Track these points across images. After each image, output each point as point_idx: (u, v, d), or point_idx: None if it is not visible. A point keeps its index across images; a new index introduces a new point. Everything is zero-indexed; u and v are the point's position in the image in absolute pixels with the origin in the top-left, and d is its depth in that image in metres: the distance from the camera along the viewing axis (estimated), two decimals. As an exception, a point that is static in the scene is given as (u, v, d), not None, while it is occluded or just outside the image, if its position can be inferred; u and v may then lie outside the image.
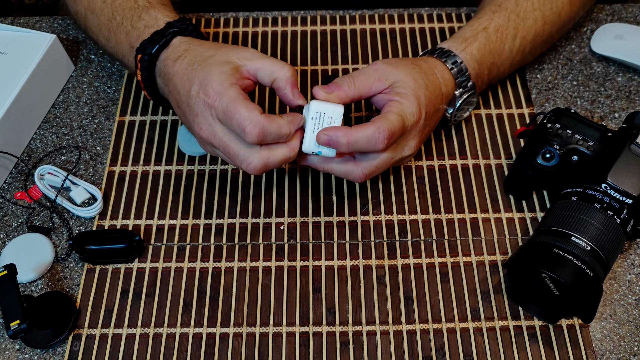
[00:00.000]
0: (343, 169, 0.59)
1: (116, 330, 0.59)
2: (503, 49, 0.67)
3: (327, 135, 0.56)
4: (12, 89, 0.67)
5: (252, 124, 0.53)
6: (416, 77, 0.60)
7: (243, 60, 0.57)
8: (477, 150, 0.70)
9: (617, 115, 0.72)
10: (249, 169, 0.55)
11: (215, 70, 0.55)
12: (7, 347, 0.58)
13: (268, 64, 0.57)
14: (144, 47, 0.61)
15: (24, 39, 0.72)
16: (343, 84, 0.58)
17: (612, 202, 0.56)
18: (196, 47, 0.59)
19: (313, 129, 0.57)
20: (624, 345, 0.58)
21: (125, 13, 0.65)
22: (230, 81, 0.55)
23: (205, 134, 0.56)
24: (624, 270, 0.62)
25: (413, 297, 0.60)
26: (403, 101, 0.58)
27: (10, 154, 0.68)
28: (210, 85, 0.55)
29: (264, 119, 0.54)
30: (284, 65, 0.57)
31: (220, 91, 0.54)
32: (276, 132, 0.54)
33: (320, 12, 0.82)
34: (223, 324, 0.59)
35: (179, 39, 0.61)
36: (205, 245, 0.64)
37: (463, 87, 0.65)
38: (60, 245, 0.64)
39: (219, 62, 0.57)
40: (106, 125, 0.72)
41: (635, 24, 0.79)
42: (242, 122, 0.53)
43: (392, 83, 0.59)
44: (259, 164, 0.55)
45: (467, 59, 0.65)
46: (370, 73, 0.60)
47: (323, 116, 0.57)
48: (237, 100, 0.54)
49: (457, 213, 0.65)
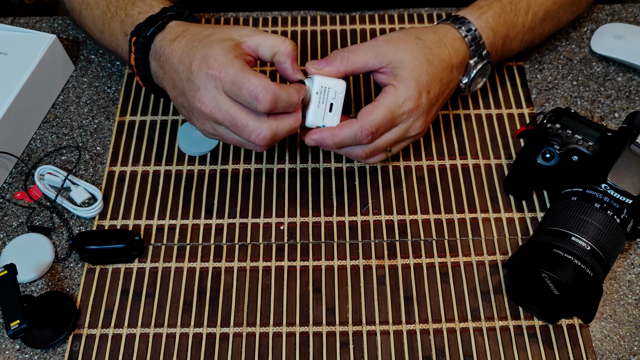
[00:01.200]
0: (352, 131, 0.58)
1: (116, 330, 0.59)
2: (517, 21, 0.67)
3: (314, 139, 0.58)
4: (12, 89, 0.67)
5: (265, 90, 0.52)
6: (417, 55, 0.60)
7: (244, 36, 0.57)
8: (477, 150, 0.70)
9: (617, 115, 0.72)
10: (259, 140, 0.54)
11: (218, 45, 0.55)
12: (7, 347, 0.58)
13: (269, 38, 0.57)
14: (139, 30, 0.60)
15: (24, 39, 0.72)
16: (335, 58, 0.59)
17: (612, 202, 0.56)
18: (194, 28, 0.59)
19: (317, 103, 0.58)
20: (624, 345, 0.58)
21: (119, 3, 0.65)
22: (233, 54, 0.54)
23: (208, 108, 0.55)
24: (624, 270, 0.62)
25: (413, 297, 0.60)
26: (399, 86, 0.58)
27: (10, 154, 0.68)
28: (214, 58, 0.54)
29: (276, 85, 0.53)
30: (285, 39, 0.57)
31: (224, 62, 0.54)
32: (287, 100, 0.54)
33: (320, 12, 0.82)
34: (223, 324, 0.59)
35: (175, 22, 0.61)
36: (205, 245, 0.64)
37: (478, 55, 0.65)
38: (61, 245, 0.64)
39: (220, 38, 0.56)
40: (106, 125, 0.72)
41: (635, 24, 0.79)
42: (254, 89, 0.52)
43: (390, 62, 0.59)
44: (269, 133, 0.54)
45: (482, 25, 0.64)
46: (367, 49, 0.60)
47: (328, 91, 0.58)
48: (245, 69, 0.53)
49: (457, 213, 0.65)
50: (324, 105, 0.58)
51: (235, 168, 0.69)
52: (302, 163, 0.69)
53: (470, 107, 0.73)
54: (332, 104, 0.58)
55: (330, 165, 0.69)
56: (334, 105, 0.58)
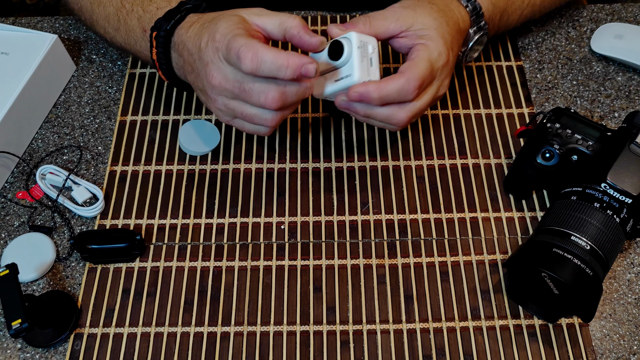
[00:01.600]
0: (385, 112, 0.58)
1: (117, 329, 0.59)
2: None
3: (357, 92, 0.56)
4: (13, 89, 0.68)
5: (246, 47, 0.51)
6: (436, 16, 0.60)
7: (252, 15, 0.57)
8: (477, 150, 0.70)
9: (617, 114, 0.72)
10: (268, 102, 0.53)
11: (223, 21, 0.55)
12: (8, 347, 0.58)
13: (275, 16, 0.56)
14: (159, 24, 0.61)
15: (26, 39, 0.72)
16: (358, 22, 0.58)
17: (611, 201, 0.56)
18: (207, 15, 0.60)
19: (361, 57, 0.56)
20: (623, 344, 0.58)
21: (135, 0, 0.65)
22: (236, 26, 0.54)
23: (217, 80, 0.55)
24: (624, 270, 0.62)
25: (413, 296, 0.61)
26: (429, 43, 0.58)
27: (11, 153, 0.68)
28: (218, 31, 0.54)
29: (261, 45, 0.51)
30: (291, 15, 0.56)
31: (226, 33, 0.54)
32: (272, 61, 0.51)
33: (321, 13, 0.82)
34: (224, 323, 0.59)
35: (193, 15, 0.61)
36: (206, 245, 0.64)
37: (477, 25, 0.65)
38: (62, 245, 0.64)
39: (227, 15, 0.56)
40: (107, 125, 0.72)
41: (635, 23, 0.79)
42: (238, 48, 0.51)
43: (411, 25, 0.59)
44: (277, 93, 0.53)
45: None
46: (387, 14, 0.60)
47: (366, 45, 0.56)
48: (239, 35, 0.53)
49: (457, 212, 0.65)
50: (367, 59, 0.57)
51: (236, 168, 0.69)
52: (303, 162, 0.69)
53: (470, 107, 0.73)
54: (371, 58, 0.57)
55: (330, 165, 0.69)
56: (373, 60, 0.57)
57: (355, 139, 0.71)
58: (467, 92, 0.74)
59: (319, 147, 0.70)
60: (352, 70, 0.56)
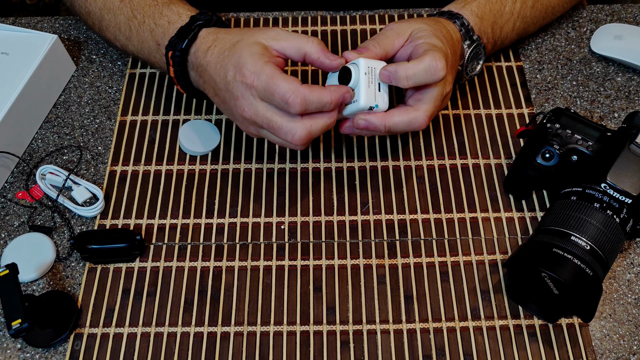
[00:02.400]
0: (406, 118, 0.59)
1: (117, 329, 0.59)
2: (503, 10, 0.70)
3: (387, 70, 0.58)
4: (13, 89, 0.68)
5: (294, 94, 0.54)
6: (429, 23, 0.63)
7: (269, 40, 0.58)
8: (477, 150, 0.70)
9: (617, 115, 0.72)
10: (295, 140, 0.57)
11: (247, 52, 0.57)
12: (8, 346, 0.58)
13: (293, 41, 0.58)
14: (174, 43, 0.62)
15: (26, 39, 0.72)
16: (369, 46, 0.61)
17: (611, 201, 0.56)
18: (224, 36, 0.61)
19: (368, 83, 0.58)
20: (623, 344, 0.58)
21: (146, 11, 0.66)
22: (263, 60, 0.56)
23: (248, 114, 0.58)
24: (624, 270, 0.62)
25: (413, 296, 0.61)
26: (429, 40, 0.60)
27: (11, 153, 0.68)
28: (246, 67, 0.56)
29: (305, 88, 0.55)
30: (309, 38, 0.58)
31: (256, 70, 0.56)
32: (318, 100, 0.56)
33: (321, 13, 0.82)
34: (224, 323, 0.59)
35: (205, 30, 0.62)
36: (206, 245, 0.64)
37: (469, 39, 0.67)
38: (62, 245, 0.64)
39: (247, 44, 0.58)
40: (107, 125, 0.72)
41: (635, 24, 0.79)
42: (284, 94, 0.55)
43: (410, 33, 0.62)
44: (303, 132, 0.56)
45: (467, 14, 0.67)
46: (387, 32, 0.62)
47: (374, 70, 0.59)
48: (275, 75, 0.55)
49: (457, 212, 0.66)
50: (374, 85, 0.59)
51: (236, 168, 0.69)
52: (303, 162, 0.69)
53: (470, 107, 0.73)
54: (379, 83, 0.59)
55: (330, 165, 0.69)
56: (381, 85, 0.59)
57: (356, 139, 0.71)
58: (467, 92, 0.74)
59: (319, 147, 0.70)
60: (358, 96, 0.58)
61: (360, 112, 0.59)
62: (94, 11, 0.70)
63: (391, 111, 0.60)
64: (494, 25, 0.69)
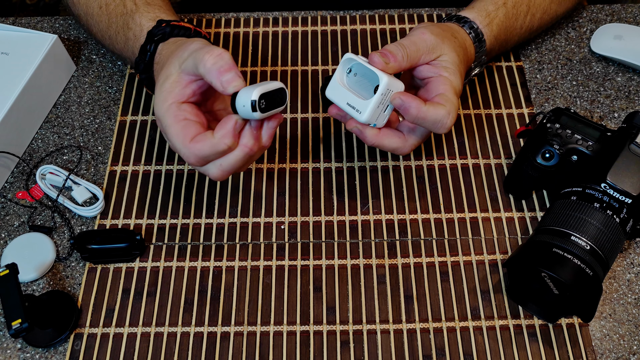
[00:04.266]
0: (394, 145, 0.60)
1: (117, 329, 0.59)
2: (515, 25, 0.70)
3: (402, 100, 0.56)
4: (13, 89, 0.68)
5: (185, 155, 0.53)
6: (459, 52, 0.62)
7: (181, 64, 0.55)
8: (477, 150, 0.70)
9: (617, 115, 0.72)
10: (213, 178, 0.56)
11: (158, 91, 0.56)
12: (8, 346, 0.58)
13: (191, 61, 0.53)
14: (138, 64, 0.64)
15: (26, 39, 0.72)
16: (397, 54, 0.58)
17: (611, 201, 0.56)
18: (163, 59, 0.60)
19: (378, 103, 0.57)
20: (623, 344, 0.58)
21: (118, 21, 0.67)
22: (168, 102, 0.54)
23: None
24: (624, 270, 0.62)
25: (413, 296, 0.61)
26: (452, 78, 0.59)
27: (11, 153, 0.68)
28: (156, 109, 0.56)
29: (193, 146, 0.53)
30: (205, 54, 0.52)
31: (159, 115, 0.55)
32: (214, 152, 0.53)
33: (321, 13, 0.82)
34: (224, 323, 0.59)
35: (161, 46, 0.62)
36: (206, 245, 0.64)
37: (478, 60, 0.67)
38: (62, 245, 0.64)
39: (162, 77, 0.56)
40: (107, 125, 0.72)
41: (635, 24, 0.80)
42: (178, 151, 0.54)
43: (440, 56, 0.60)
44: (217, 172, 0.55)
45: (488, 34, 0.67)
46: (420, 44, 0.60)
47: (390, 93, 0.57)
48: (170, 129, 0.54)
49: (457, 212, 0.66)
50: (383, 106, 0.58)
51: (236, 168, 0.69)
52: (303, 162, 0.69)
53: (470, 107, 0.73)
54: (388, 105, 0.58)
55: (330, 165, 0.69)
56: (388, 109, 0.59)
57: (356, 139, 0.71)
58: (467, 92, 0.74)
59: (319, 147, 0.70)
60: (365, 110, 0.57)
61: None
62: (80, 14, 0.72)
63: (385, 131, 0.59)
64: (503, 43, 0.70)
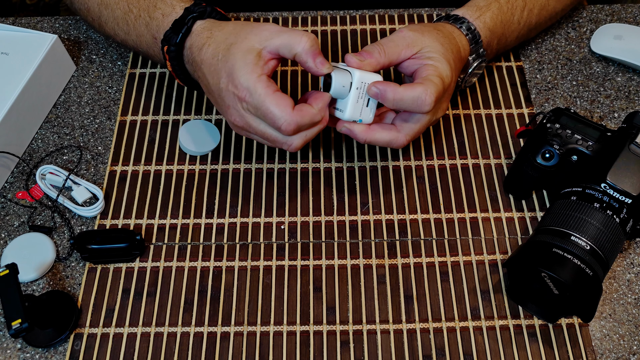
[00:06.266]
0: (387, 137, 0.60)
1: (117, 329, 0.59)
2: (512, 20, 0.69)
3: (377, 87, 0.57)
4: (13, 89, 0.68)
5: (287, 122, 0.55)
6: (443, 42, 0.62)
7: (263, 42, 0.57)
8: (477, 150, 0.70)
9: (617, 115, 0.72)
10: (292, 149, 0.58)
11: (240, 63, 0.56)
12: (8, 346, 0.58)
13: (287, 39, 0.57)
14: (168, 37, 0.62)
15: (26, 39, 0.72)
16: (374, 51, 0.59)
17: (611, 201, 0.56)
18: (217, 34, 0.60)
19: (357, 98, 0.58)
20: (623, 344, 0.58)
21: (141, 4, 0.66)
22: (256, 73, 0.56)
23: (239, 123, 0.58)
24: (624, 270, 0.62)
25: (413, 296, 0.61)
26: (437, 64, 0.59)
27: (11, 153, 0.68)
28: (238, 80, 0.56)
29: (296, 114, 0.55)
30: (302, 37, 0.56)
31: (249, 86, 0.55)
32: (310, 122, 0.56)
33: (321, 13, 0.82)
34: (224, 323, 0.59)
35: (200, 23, 0.62)
36: (206, 245, 0.64)
37: (476, 53, 0.67)
38: (62, 245, 0.64)
39: (241, 50, 0.57)
40: (107, 125, 0.72)
41: (635, 24, 0.80)
42: (276, 121, 0.55)
43: (421, 49, 0.60)
44: (300, 142, 0.57)
45: (481, 26, 0.67)
46: (398, 40, 0.61)
47: (366, 86, 0.58)
48: (267, 98, 0.55)
49: (457, 212, 0.66)
50: (362, 100, 0.59)
51: (236, 168, 0.69)
52: (303, 162, 0.69)
53: (470, 107, 0.73)
54: (369, 99, 0.59)
55: (330, 165, 0.69)
56: (370, 101, 0.59)
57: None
58: (467, 92, 0.74)
59: (319, 147, 0.70)
60: (345, 108, 0.59)
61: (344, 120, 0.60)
62: (92, 7, 0.70)
63: (375, 127, 0.60)
64: (500, 37, 0.69)
